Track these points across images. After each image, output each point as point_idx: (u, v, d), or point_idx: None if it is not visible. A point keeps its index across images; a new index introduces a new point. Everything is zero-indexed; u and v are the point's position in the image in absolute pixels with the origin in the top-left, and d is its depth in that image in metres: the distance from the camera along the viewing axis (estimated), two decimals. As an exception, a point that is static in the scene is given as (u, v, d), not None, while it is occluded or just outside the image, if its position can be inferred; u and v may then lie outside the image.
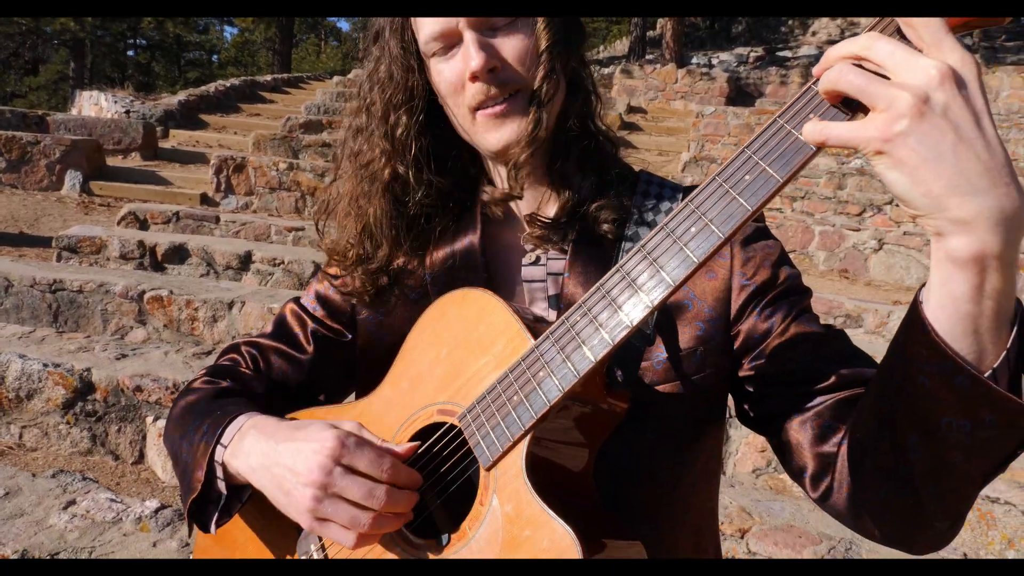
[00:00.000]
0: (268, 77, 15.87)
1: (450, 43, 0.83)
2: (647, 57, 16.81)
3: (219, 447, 0.83)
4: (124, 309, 4.06)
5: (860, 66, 0.55)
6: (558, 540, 0.64)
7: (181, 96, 12.65)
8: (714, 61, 16.27)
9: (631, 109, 12.55)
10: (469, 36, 0.80)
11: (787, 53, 16.80)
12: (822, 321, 0.82)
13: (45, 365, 3.17)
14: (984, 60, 14.26)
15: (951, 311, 0.55)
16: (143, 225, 6.14)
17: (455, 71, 0.83)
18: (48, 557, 2.16)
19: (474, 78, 0.81)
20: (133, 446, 3.23)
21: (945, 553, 2.77)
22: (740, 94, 14.21)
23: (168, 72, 37.05)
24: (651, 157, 10.49)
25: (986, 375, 0.55)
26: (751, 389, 0.83)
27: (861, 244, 7.16)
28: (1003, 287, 0.54)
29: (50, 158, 8.02)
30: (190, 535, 0.90)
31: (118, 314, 4.07)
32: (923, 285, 0.58)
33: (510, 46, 0.81)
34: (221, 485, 0.83)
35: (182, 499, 0.87)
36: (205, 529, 0.85)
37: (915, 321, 0.58)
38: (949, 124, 0.51)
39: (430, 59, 0.85)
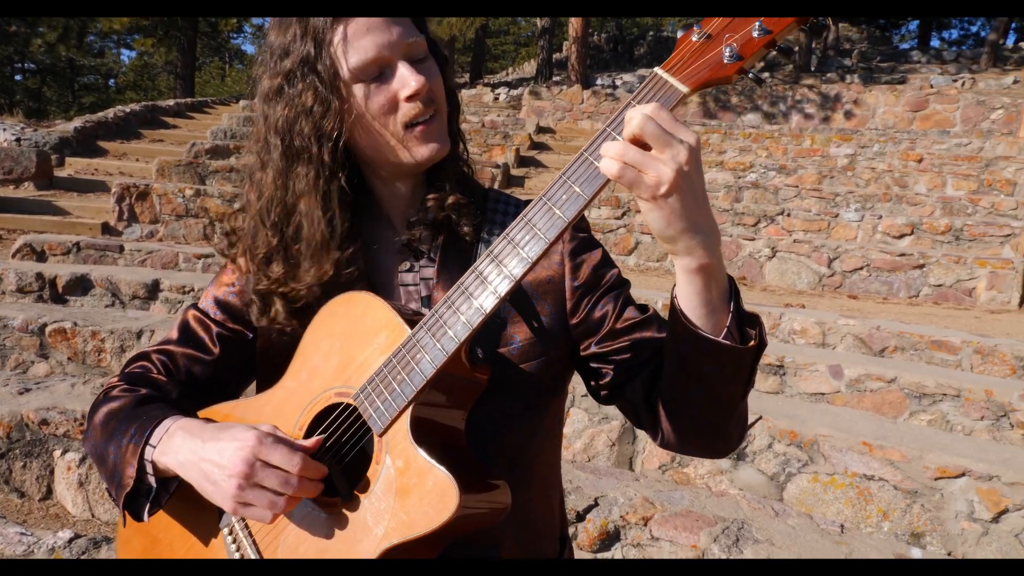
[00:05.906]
0: (171, 101, 15.38)
1: (381, 70, 0.95)
2: (554, 79, 17.38)
3: (148, 447, 0.94)
4: (24, 343, 3.94)
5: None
6: (440, 482, 0.80)
7: (77, 122, 12.10)
8: (618, 82, 16.99)
9: (540, 129, 12.95)
10: (403, 64, 0.95)
11: (685, 74, 17.65)
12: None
13: (-59, 403, 3.07)
14: (862, 80, 15.51)
15: (697, 300, 0.83)
16: (41, 257, 5.91)
17: (391, 91, 0.95)
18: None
19: (411, 98, 0.95)
20: (40, 482, 3.16)
21: (827, 527, 3.07)
22: (643, 113, 14.84)
23: (61, 97, 35.26)
24: (561, 175, 10.82)
25: (723, 335, 0.83)
26: (595, 366, 1.04)
27: (756, 252, 7.60)
28: (720, 279, 0.83)
29: (-67, 190, 7.59)
30: (124, 525, 1.02)
31: (18, 348, 3.94)
32: (675, 286, 0.85)
33: (430, 74, 0.97)
34: (151, 480, 0.95)
35: (112, 495, 0.98)
36: (138, 519, 0.96)
37: (674, 311, 0.86)
38: (691, 188, 0.76)
39: (356, 85, 0.95)
